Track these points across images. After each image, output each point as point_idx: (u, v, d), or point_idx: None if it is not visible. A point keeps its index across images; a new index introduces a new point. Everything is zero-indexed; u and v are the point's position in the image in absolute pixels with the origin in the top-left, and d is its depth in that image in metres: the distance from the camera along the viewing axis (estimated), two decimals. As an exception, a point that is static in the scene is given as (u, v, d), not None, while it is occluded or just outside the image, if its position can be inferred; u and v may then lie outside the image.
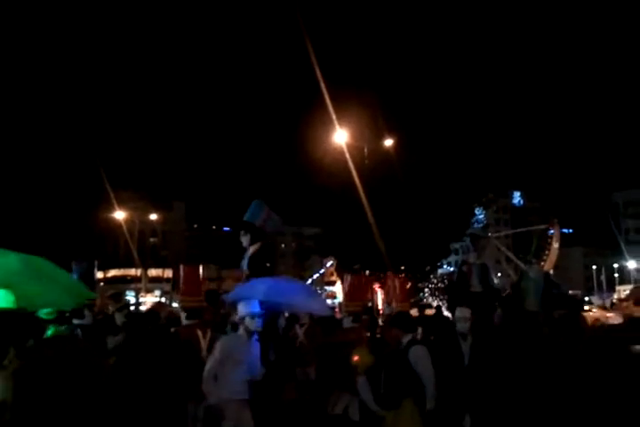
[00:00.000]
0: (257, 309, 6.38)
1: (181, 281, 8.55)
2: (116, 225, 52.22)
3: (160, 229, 79.59)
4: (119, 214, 48.22)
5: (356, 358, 6.31)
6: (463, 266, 9.71)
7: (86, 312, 7.08)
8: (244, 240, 6.67)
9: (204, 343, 7.11)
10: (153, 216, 64.21)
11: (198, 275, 8.72)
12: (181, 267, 8.69)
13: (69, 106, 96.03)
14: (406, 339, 5.87)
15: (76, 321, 6.89)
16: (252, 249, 6.58)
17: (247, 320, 6.24)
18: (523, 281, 8.68)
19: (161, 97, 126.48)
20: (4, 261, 3.74)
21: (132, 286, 52.74)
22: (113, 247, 65.80)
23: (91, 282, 8.14)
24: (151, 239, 79.25)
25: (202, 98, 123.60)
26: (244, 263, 6.50)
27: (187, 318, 7.55)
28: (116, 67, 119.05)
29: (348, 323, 8.48)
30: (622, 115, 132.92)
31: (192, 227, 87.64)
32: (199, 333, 7.23)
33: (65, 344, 3.79)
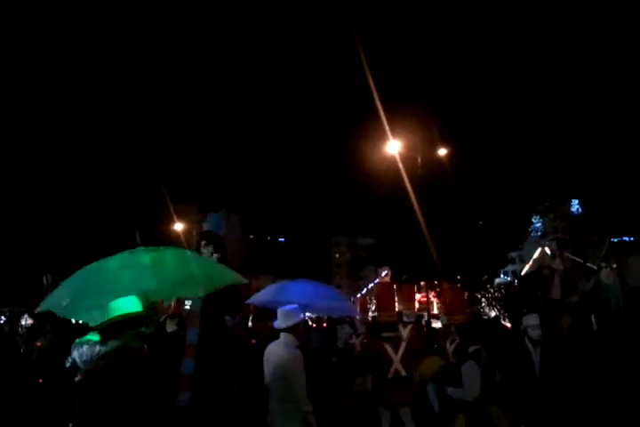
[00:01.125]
0: (301, 315, 6.17)
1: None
2: (175, 237, 53.55)
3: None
4: (178, 226, 49.49)
5: (422, 365, 6.53)
6: (544, 270, 9.23)
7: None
8: (206, 251, 6.24)
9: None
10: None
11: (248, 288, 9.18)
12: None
13: (131, 127, 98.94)
14: (471, 350, 5.79)
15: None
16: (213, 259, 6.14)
17: (301, 328, 6.05)
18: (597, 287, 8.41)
19: (217, 112, 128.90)
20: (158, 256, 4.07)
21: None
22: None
23: None
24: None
25: (257, 111, 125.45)
26: None
27: None
28: (174, 86, 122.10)
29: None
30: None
31: (248, 238, 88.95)
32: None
33: (121, 355, 3.45)
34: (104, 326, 3.66)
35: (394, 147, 24.54)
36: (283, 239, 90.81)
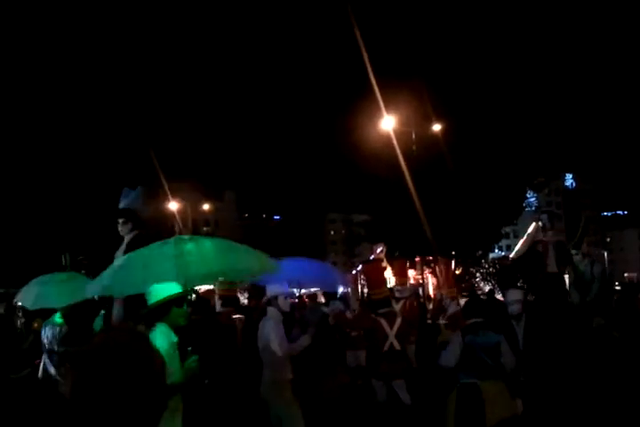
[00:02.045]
0: (287, 288, 6.45)
1: None
2: (170, 215, 53.43)
3: (212, 218, 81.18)
4: (173, 205, 49.39)
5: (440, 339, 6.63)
6: (537, 245, 9.18)
7: None
8: (125, 229, 6.03)
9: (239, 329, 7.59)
10: (205, 206, 65.50)
11: None
12: None
13: (122, 97, 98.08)
14: (469, 322, 5.82)
15: None
16: (128, 238, 6.01)
17: (281, 301, 6.28)
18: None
19: (211, 88, 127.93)
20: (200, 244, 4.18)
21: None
22: (169, 237, 67.44)
23: None
24: (204, 228, 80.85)
25: (249, 87, 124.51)
26: (120, 253, 5.83)
27: (222, 305, 7.94)
28: (167, 60, 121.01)
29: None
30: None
31: (243, 216, 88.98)
32: (236, 319, 7.75)
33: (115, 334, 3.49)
34: (149, 310, 3.86)
35: (388, 123, 24.48)
36: (278, 217, 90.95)
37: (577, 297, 7.88)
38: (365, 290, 10.37)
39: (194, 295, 6.77)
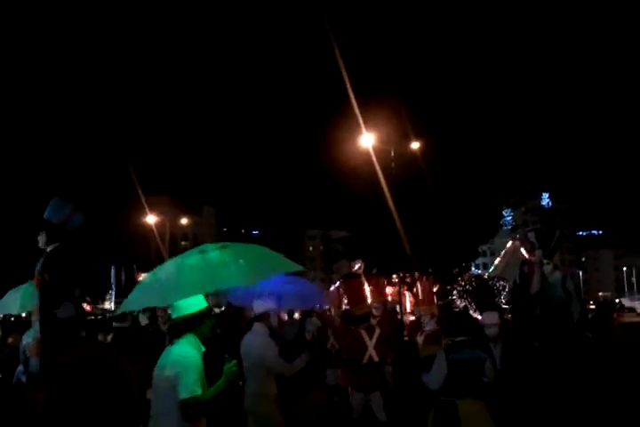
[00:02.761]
0: (275, 305, 6.45)
1: None
2: (147, 229, 53.10)
3: (191, 232, 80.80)
4: (150, 219, 49.09)
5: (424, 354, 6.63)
6: (524, 266, 8.82)
7: (129, 317, 7.47)
8: (40, 240, 5.81)
9: None
10: (184, 220, 65.22)
11: None
12: None
13: (100, 111, 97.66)
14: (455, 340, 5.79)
15: (115, 324, 7.34)
16: (48, 249, 5.80)
17: (271, 317, 6.30)
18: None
19: (191, 102, 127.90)
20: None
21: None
22: (145, 251, 66.93)
23: (132, 286, 8.48)
24: (182, 243, 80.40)
25: (230, 103, 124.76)
26: (38, 266, 5.68)
27: None
28: (146, 72, 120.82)
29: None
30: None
31: (222, 230, 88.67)
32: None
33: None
34: (178, 321, 3.99)
35: (368, 140, 24.68)
36: (257, 232, 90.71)
37: (538, 310, 7.84)
38: (345, 306, 10.39)
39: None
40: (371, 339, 7.83)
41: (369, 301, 9.64)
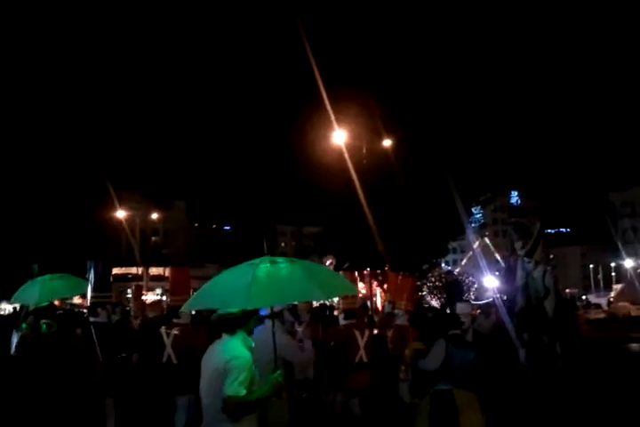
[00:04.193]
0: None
1: (170, 281, 9.14)
2: (117, 224, 52.68)
3: (161, 227, 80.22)
4: (120, 213, 48.70)
5: (407, 351, 6.71)
6: (510, 259, 9.04)
7: (100, 310, 7.50)
8: None
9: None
10: (154, 215, 64.81)
11: (186, 275, 9.34)
12: (170, 269, 9.19)
13: (70, 107, 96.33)
14: (449, 333, 5.92)
15: (91, 318, 7.35)
16: None
17: (286, 314, 6.60)
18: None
19: (161, 97, 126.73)
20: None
21: (134, 284, 53.24)
22: (115, 246, 66.30)
23: (107, 281, 8.48)
24: (153, 238, 79.77)
25: (201, 97, 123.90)
26: None
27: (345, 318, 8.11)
28: (115, 68, 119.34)
29: (342, 320, 8.46)
30: (619, 116, 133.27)
31: (193, 226, 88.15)
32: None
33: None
34: (230, 317, 4.18)
35: (340, 136, 24.79)
36: (229, 228, 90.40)
37: (522, 302, 7.95)
38: (336, 299, 10.42)
39: None
40: (362, 339, 7.87)
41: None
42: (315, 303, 11.16)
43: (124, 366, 7.30)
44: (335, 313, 10.84)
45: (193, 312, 7.84)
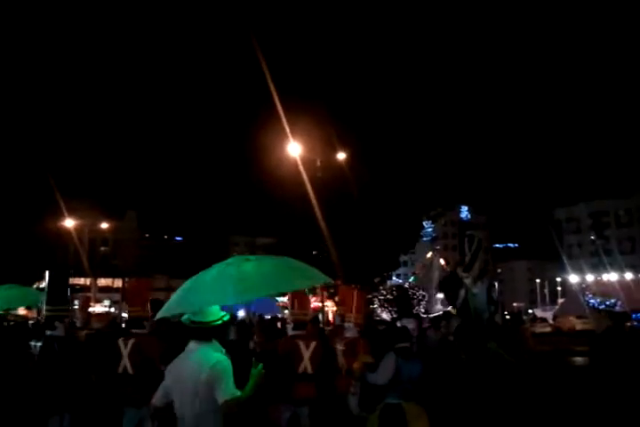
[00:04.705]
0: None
1: (128, 292, 9.04)
2: (66, 233, 51.52)
3: (111, 237, 78.71)
4: (68, 222, 47.66)
5: (355, 365, 6.74)
6: (455, 272, 9.14)
7: (57, 323, 7.33)
8: None
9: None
10: (104, 225, 63.61)
11: (147, 286, 9.26)
12: (129, 280, 9.09)
13: (16, 113, 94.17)
14: (397, 346, 5.95)
15: (48, 332, 7.19)
16: None
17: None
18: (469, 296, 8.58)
19: (113, 105, 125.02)
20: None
21: (81, 295, 52.03)
22: (63, 256, 64.82)
23: (65, 292, 8.27)
24: (102, 248, 78.21)
25: (155, 108, 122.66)
26: None
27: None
28: (61, 73, 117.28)
29: (291, 331, 8.43)
30: (564, 134, 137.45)
31: (144, 236, 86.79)
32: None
33: None
34: (208, 326, 4.21)
35: (294, 148, 24.93)
36: (180, 238, 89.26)
37: (464, 316, 8.11)
38: (287, 312, 10.42)
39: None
40: (307, 350, 7.90)
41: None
42: (267, 316, 11.19)
43: (82, 380, 7.18)
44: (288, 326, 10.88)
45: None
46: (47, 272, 7.71)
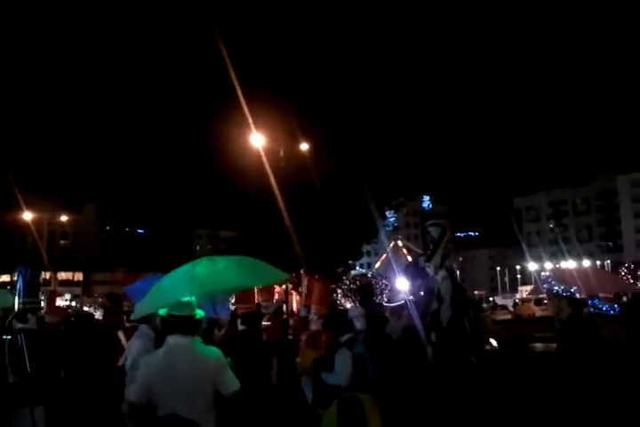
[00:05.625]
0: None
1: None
2: (24, 226, 50.49)
3: (71, 231, 77.43)
4: (27, 215, 46.69)
5: (297, 359, 6.61)
6: (418, 260, 9.01)
7: (30, 316, 7.19)
8: None
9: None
10: (63, 218, 62.49)
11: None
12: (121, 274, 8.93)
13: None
14: (344, 338, 5.87)
15: (19, 325, 7.07)
16: None
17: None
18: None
19: (71, 97, 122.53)
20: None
21: (41, 289, 51.12)
22: (21, 249, 63.51)
23: (37, 286, 8.10)
24: (61, 241, 76.89)
25: (114, 98, 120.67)
26: None
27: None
28: (18, 67, 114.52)
29: (240, 326, 8.13)
30: (524, 125, 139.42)
31: (104, 229, 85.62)
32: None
33: None
34: (194, 320, 4.20)
35: (257, 139, 24.81)
36: (142, 231, 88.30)
37: (434, 304, 8.09)
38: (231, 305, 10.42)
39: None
40: None
41: (257, 299, 9.73)
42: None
43: (51, 374, 7.07)
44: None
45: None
46: (19, 266, 7.55)
